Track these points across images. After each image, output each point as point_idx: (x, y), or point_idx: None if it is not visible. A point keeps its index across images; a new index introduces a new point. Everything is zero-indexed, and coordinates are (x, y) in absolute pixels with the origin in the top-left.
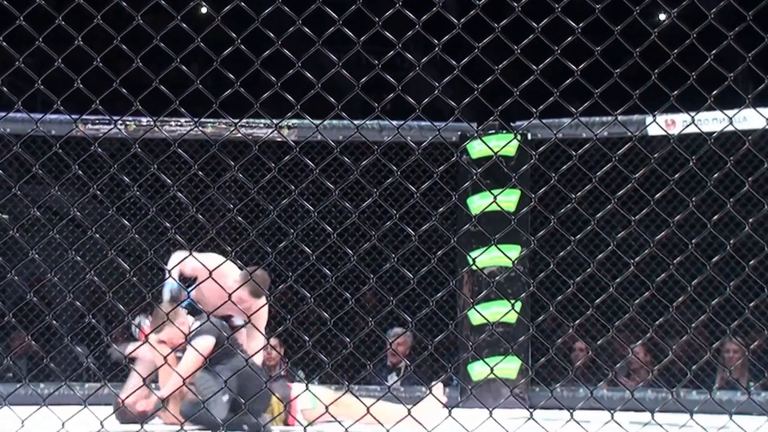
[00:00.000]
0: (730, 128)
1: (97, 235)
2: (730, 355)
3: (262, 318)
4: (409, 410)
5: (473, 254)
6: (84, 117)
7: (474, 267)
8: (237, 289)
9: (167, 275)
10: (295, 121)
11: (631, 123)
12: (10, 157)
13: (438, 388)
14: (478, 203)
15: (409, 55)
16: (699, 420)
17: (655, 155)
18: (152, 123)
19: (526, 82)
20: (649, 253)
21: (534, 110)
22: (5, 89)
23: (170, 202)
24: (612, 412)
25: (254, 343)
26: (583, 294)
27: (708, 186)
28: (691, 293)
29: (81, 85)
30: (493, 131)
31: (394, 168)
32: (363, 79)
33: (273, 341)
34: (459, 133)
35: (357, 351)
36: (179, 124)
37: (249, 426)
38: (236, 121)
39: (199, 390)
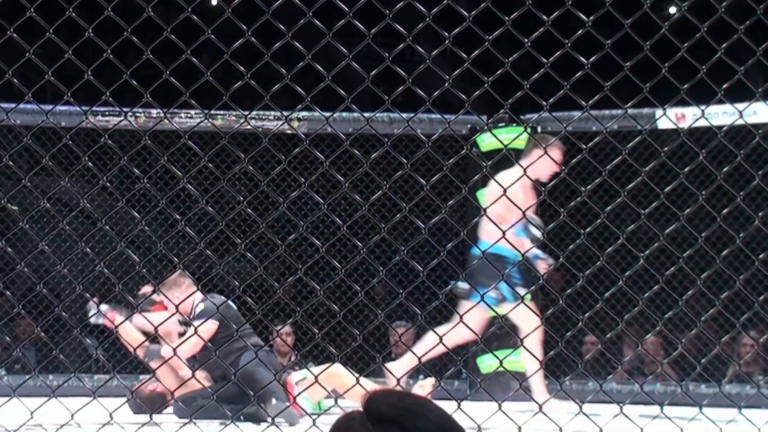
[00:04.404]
0: (740, 122)
1: (107, 227)
2: (746, 349)
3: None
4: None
5: (482, 247)
6: (94, 108)
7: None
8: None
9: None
10: (305, 113)
11: (641, 116)
12: (20, 148)
13: (428, 382)
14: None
15: (420, 48)
16: (708, 413)
17: (665, 149)
18: (162, 115)
19: (536, 75)
20: (658, 246)
21: (544, 103)
22: (15, 80)
23: (180, 194)
24: (621, 405)
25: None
26: (593, 287)
27: (718, 179)
28: (701, 287)
29: (91, 77)
30: (503, 124)
31: (404, 160)
32: (373, 72)
33: (286, 330)
34: (469, 125)
35: (366, 344)
36: (189, 116)
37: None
38: (246, 113)
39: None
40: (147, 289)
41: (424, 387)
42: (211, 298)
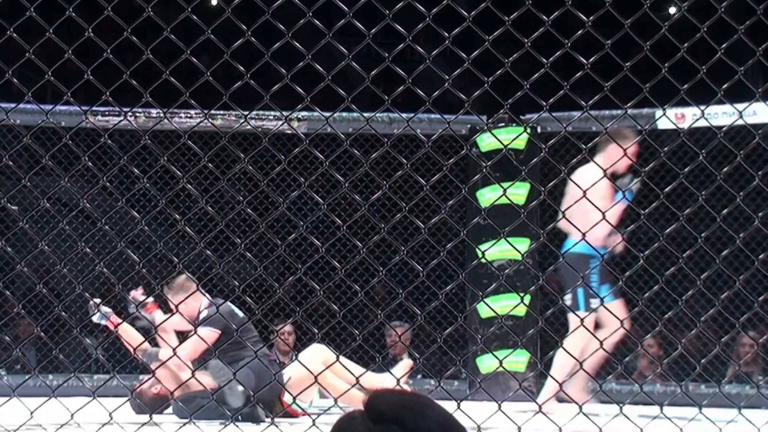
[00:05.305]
0: (740, 122)
1: (107, 227)
2: (745, 349)
3: None
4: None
5: (482, 247)
6: (94, 108)
7: (483, 260)
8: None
9: None
10: (305, 113)
11: (641, 116)
12: (20, 148)
13: (402, 365)
14: (488, 196)
15: (420, 48)
16: (708, 413)
17: (665, 149)
18: (162, 115)
19: (536, 75)
20: (658, 246)
21: (544, 103)
22: (15, 80)
23: (180, 194)
24: (621, 405)
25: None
26: None
27: (717, 180)
28: (701, 287)
29: (91, 77)
30: (503, 124)
31: (404, 160)
32: (373, 72)
33: (287, 329)
34: (469, 125)
35: (366, 344)
36: (189, 115)
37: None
38: (246, 113)
39: (216, 378)
40: (135, 293)
41: (398, 370)
42: (218, 303)
